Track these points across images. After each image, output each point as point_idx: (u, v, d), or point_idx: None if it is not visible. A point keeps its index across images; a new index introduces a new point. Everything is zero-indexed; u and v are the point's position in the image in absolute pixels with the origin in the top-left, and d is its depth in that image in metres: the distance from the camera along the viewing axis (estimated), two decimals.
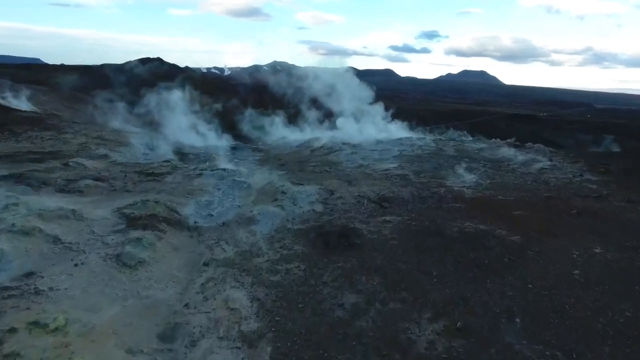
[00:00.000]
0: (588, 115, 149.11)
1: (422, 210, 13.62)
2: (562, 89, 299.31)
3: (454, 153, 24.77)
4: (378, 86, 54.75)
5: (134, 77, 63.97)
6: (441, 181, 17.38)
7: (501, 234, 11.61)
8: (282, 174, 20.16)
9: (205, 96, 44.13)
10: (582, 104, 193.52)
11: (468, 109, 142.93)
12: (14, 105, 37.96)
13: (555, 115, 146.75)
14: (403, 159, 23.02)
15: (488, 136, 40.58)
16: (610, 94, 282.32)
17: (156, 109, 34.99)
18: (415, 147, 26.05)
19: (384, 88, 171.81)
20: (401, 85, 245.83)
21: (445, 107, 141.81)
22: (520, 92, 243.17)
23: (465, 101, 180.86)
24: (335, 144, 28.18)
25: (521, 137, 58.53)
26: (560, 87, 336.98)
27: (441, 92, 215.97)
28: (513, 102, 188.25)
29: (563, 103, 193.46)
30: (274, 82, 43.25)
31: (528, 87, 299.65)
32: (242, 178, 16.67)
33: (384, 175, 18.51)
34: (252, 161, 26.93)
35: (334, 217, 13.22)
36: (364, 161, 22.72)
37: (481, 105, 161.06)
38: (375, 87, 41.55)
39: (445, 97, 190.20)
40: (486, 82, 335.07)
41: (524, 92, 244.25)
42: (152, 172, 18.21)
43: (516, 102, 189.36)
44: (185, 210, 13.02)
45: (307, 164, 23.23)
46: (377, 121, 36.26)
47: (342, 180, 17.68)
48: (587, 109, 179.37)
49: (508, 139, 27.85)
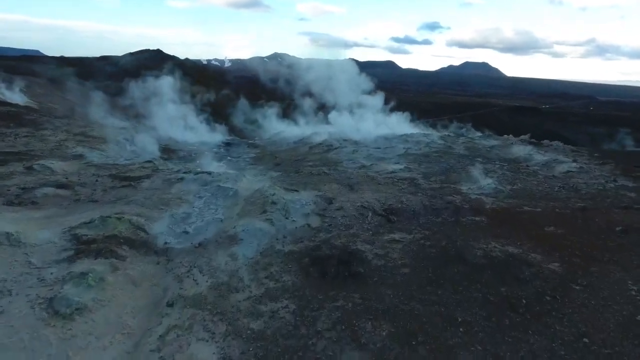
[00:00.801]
0: (591, 108, 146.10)
1: (437, 226, 11.36)
2: (565, 81, 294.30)
3: (465, 152, 22.41)
4: (379, 78, 52.19)
5: (130, 69, 61.60)
6: (455, 187, 15.08)
7: (536, 260, 9.37)
8: (276, 176, 17.93)
9: (197, 87, 41.63)
10: (585, 96, 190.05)
11: (470, 101, 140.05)
12: (6, 98, 35.64)
13: (557, 107, 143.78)
14: (409, 158, 20.69)
15: (491, 129, 38.25)
16: (613, 85, 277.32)
17: (145, 102, 32.63)
18: (422, 145, 23.69)
19: (386, 80, 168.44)
20: (403, 77, 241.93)
21: (447, 99, 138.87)
22: (522, 84, 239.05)
23: (466, 93, 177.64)
24: (335, 141, 25.86)
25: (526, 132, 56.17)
26: (562, 79, 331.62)
27: (443, 84, 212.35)
28: (515, 94, 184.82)
29: (565, 95, 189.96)
30: (272, 74, 40.66)
31: (530, 79, 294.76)
32: (228, 184, 14.40)
33: (390, 178, 16.21)
34: (247, 159, 24.67)
35: (332, 234, 10.98)
36: (366, 161, 20.41)
37: (483, 98, 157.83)
38: (376, 79, 39.07)
39: (447, 89, 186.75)
40: (488, 74, 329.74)
41: (526, 84, 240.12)
42: (129, 175, 15.96)
43: (518, 94, 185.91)
44: (156, 227, 10.78)
45: (304, 164, 20.97)
46: (378, 116, 33.81)
47: (342, 184, 15.41)
48: (589, 101, 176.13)
49: (522, 135, 25.45)
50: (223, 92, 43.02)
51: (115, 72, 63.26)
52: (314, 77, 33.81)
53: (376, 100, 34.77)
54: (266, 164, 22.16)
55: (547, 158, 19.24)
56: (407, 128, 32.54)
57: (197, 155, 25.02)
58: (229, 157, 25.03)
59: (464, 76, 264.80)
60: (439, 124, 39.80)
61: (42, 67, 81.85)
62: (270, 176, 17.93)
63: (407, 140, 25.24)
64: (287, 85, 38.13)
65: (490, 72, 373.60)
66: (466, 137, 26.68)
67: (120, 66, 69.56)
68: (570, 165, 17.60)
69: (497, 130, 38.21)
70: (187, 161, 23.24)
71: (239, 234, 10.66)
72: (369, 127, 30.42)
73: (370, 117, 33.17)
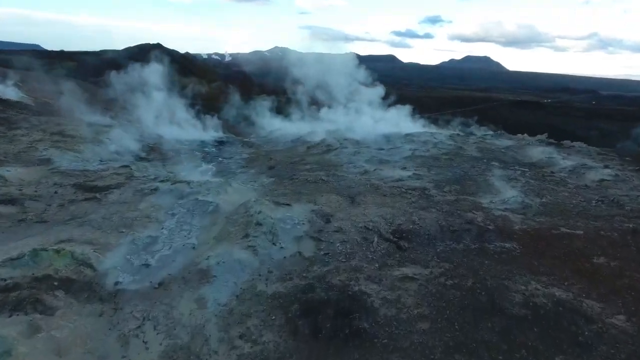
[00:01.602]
0: (593, 102, 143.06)
1: (459, 256, 9.06)
2: (567, 75, 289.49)
3: (478, 153, 19.99)
4: (381, 72, 49.61)
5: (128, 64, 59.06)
6: (474, 199, 12.72)
7: (594, 311, 7.08)
8: (268, 183, 15.59)
9: (188, 80, 39.17)
10: (588, 90, 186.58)
11: (472, 95, 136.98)
12: None
13: (560, 101, 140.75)
14: (417, 161, 18.30)
15: (495, 125, 35.88)
16: (615, 80, 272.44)
17: (132, 97, 30.21)
18: (429, 146, 21.27)
19: (387, 74, 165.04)
20: (404, 71, 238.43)
21: (448, 94, 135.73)
22: (524, 78, 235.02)
23: (468, 88, 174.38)
24: (334, 141, 23.44)
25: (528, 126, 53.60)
26: (564, 73, 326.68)
27: (444, 79, 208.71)
28: (517, 89, 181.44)
29: (568, 89, 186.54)
30: (269, 68, 38.10)
31: (532, 73, 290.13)
32: (209, 196, 12.10)
33: (397, 188, 13.84)
34: (239, 160, 22.27)
35: (329, 267, 8.69)
36: (369, 165, 18.02)
37: (485, 92, 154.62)
38: (377, 74, 36.54)
39: (448, 84, 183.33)
40: (490, 68, 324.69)
41: (528, 78, 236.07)
42: (96, 185, 13.66)
43: (520, 89, 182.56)
44: (108, 260, 8.50)
45: (300, 167, 18.62)
46: (380, 112, 31.12)
47: (342, 195, 13.08)
48: (592, 95, 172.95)
49: (527, 131, 22.95)
50: (214, 85, 40.42)
51: (112, 67, 60.86)
52: (311, 72, 31.28)
53: (377, 96, 32.23)
54: (259, 167, 19.80)
55: (573, 163, 16.84)
56: (410, 125, 29.98)
57: (186, 156, 22.72)
58: (220, 158, 22.68)
59: (465, 70, 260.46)
60: (441, 120, 37.34)
61: (41, 61, 79.43)
62: (261, 183, 15.60)
63: (413, 140, 22.81)
64: (284, 80, 35.52)
65: (492, 66, 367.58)
66: (477, 137, 24.24)
67: (115, 60, 67.19)
68: (602, 172, 15.21)
69: (500, 126, 35.81)
70: (174, 163, 20.92)
71: (213, 268, 8.38)
72: (371, 125, 27.88)
73: (371, 114, 30.65)
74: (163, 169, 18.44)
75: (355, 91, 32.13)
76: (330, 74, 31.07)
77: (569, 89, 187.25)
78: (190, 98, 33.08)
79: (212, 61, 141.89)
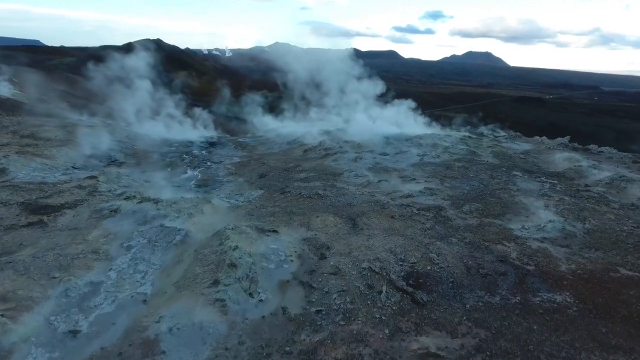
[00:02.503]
0: (595, 98, 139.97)
1: (497, 318, 6.66)
2: (569, 71, 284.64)
3: (494, 159, 17.51)
4: (382, 68, 47.07)
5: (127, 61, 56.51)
6: (501, 224, 10.28)
7: None
8: (255, 198, 13.16)
9: (180, 74, 36.63)
10: (589, 86, 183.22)
11: (473, 91, 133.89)
12: None
13: (562, 98, 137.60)
14: (427, 170, 15.84)
15: (497, 122, 33.29)
16: (617, 76, 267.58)
17: (116, 93, 27.77)
18: (439, 150, 18.80)
19: (388, 70, 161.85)
20: (405, 67, 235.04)
21: (450, 89, 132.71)
22: (525, 74, 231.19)
23: (470, 84, 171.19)
24: (333, 143, 21.00)
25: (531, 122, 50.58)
26: (566, 69, 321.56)
27: (445, 74, 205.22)
28: (519, 85, 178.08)
29: (570, 85, 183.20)
30: (265, 64, 35.45)
31: (534, 69, 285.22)
32: (177, 221, 9.70)
33: (407, 207, 11.40)
34: (228, 166, 19.84)
35: (322, 335, 6.29)
36: (372, 174, 15.60)
37: (486, 88, 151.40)
38: (378, 70, 33.91)
39: (450, 80, 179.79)
40: (491, 64, 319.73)
41: (529, 74, 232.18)
42: (49, 203, 11.26)
43: (522, 85, 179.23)
44: (20, 327, 6.11)
45: (295, 176, 16.21)
46: (382, 111, 28.47)
47: (341, 216, 10.66)
48: (594, 91, 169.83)
49: (559, 137, 20.36)
50: (205, 78, 37.84)
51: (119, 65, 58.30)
52: (307, 68, 28.65)
53: (377, 93, 29.55)
54: (250, 174, 17.38)
55: (608, 174, 14.34)
56: (413, 124, 27.34)
57: (171, 160, 20.35)
58: (209, 162, 20.24)
59: (467, 66, 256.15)
60: (445, 117, 34.64)
61: (41, 57, 76.94)
62: (248, 197, 13.17)
63: (420, 143, 20.32)
64: (281, 76, 32.87)
65: (493, 62, 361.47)
66: (490, 139, 21.72)
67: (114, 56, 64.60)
68: None
69: (506, 124, 33.38)
70: (155, 169, 18.51)
71: (163, 337, 6.01)
72: (372, 124, 25.27)
73: (372, 112, 28.04)
74: (139, 177, 16.03)
75: (354, 88, 29.49)
76: (327, 70, 28.46)
77: (570, 85, 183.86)
78: (179, 91, 30.52)
79: (213, 57, 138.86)
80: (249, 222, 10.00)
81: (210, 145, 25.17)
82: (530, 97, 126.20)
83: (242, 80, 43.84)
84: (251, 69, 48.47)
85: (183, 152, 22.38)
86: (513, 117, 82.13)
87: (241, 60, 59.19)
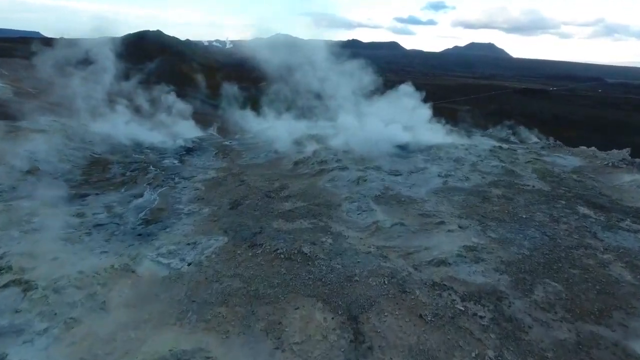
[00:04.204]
0: (599, 90, 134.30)
1: None
2: (572, 63, 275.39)
3: (542, 183, 12.88)
4: (384, 60, 42.15)
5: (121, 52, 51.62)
6: (614, 340, 5.81)
7: None
8: (206, 258, 8.67)
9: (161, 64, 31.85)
10: (593, 78, 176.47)
11: (476, 83, 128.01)
12: None
13: (566, 89, 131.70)
14: (457, 202, 11.26)
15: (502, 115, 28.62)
16: (621, 67, 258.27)
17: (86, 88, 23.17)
18: (466, 168, 14.20)
19: (390, 62, 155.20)
20: (407, 58, 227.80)
21: (452, 81, 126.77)
22: (529, 65, 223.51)
23: (473, 75, 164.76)
24: (330, 154, 16.44)
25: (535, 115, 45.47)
26: (570, 61, 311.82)
27: (448, 66, 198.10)
28: (522, 76, 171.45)
29: (573, 77, 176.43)
30: (258, 58, 30.35)
31: (537, 60, 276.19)
32: (37, 343, 5.30)
33: (443, 293, 6.85)
34: (198, 184, 15.29)
35: None
36: (382, 209, 11.04)
37: (489, 80, 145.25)
38: (380, 61, 28.93)
39: (452, 71, 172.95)
40: (494, 55, 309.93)
41: (533, 65, 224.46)
42: None
43: (525, 76, 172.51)
44: None
45: (276, 206, 11.70)
46: (385, 108, 23.21)
47: (334, 311, 6.25)
48: (598, 83, 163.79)
49: (615, 149, 15.64)
50: (186, 66, 33.12)
51: None
52: (296, 61, 23.71)
53: (379, 88, 24.46)
54: (219, 202, 12.80)
55: None
56: (421, 122, 22.17)
57: (133, 175, 15.91)
58: (177, 179, 15.67)
59: (469, 57, 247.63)
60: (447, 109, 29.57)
61: (38, 48, 71.83)
62: (199, 256, 8.69)
63: (440, 156, 15.69)
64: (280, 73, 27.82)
65: (496, 53, 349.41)
66: (525, 149, 16.99)
67: None
68: None
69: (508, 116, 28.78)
70: (104, 191, 14.13)
71: None
72: (376, 127, 20.15)
73: (374, 111, 22.99)
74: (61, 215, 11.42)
75: (353, 87, 24.46)
76: (321, 63, 23.54)
77: (574, 77, 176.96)
78: (166, 84, 25.81)
79: (213, 48, 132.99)
80: (179, 326, 5.57)
81: (187, 151, 20.55)
82: (534, 89, 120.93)
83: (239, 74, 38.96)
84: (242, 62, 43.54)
85: (152, 161, 17.91)
86: (518, 109, 77.10)
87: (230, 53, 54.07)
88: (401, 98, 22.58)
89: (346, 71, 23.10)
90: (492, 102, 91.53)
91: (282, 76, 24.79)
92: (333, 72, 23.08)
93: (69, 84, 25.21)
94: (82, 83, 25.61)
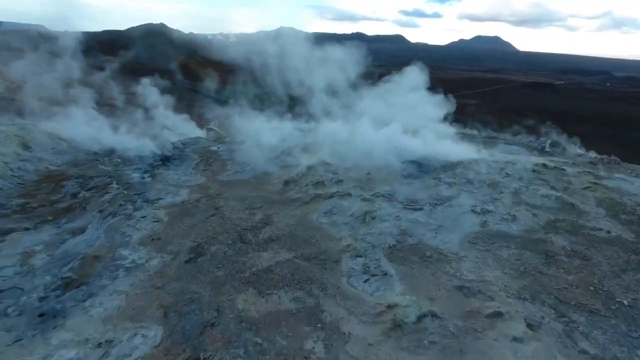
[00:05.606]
0: (607, 84, 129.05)
1: None
2: (580, 56, 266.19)
3: (620, 226, 9.24)
4: (388, 53, 38.19)
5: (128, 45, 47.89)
6: None
7: None
8: None
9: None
10: (601, 71, 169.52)
11: (482, 76, 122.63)
12: None
13: (573, 83, 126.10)
14: (508, 264, 7.68)
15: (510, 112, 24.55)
16: (630, 60, 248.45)
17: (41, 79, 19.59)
18: (507, 198, 10.51)
19: (395, 55, 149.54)
20: (412, 51, 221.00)
21: (458, 75, 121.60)
22: (535, 59, 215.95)
23: (478, 69, 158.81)
24: (329, 173, 12.80)
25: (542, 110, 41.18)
26: (577, 54, 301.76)
27: (453, 59, 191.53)
28: (528, 70, 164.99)
29: (581, 70, 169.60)
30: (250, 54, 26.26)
31: (544, 53, 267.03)
32: None
33: None
34: (160, 214, 11.65)
35: None
36: (400, 275, 7.45)
37: (495, 73, 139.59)
38: (385, 54, 24.99)
39: (458, 65, 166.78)
40: (500, 49, 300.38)
41: (539, 59, 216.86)
42: None
43: (532, 70, 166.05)
44: None
45: (251, 258, 8.28)
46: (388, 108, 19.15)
47: None
48: (606, 77, 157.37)
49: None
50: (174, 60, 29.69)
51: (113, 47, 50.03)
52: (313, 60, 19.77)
53: None
54: (176, 248, 9.23)
55: None
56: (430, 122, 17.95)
57: (84, 198, 12.39)
58: (139, 202, 12.10)
59: (475, 51, 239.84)
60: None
61: (40, 41, 68.37)
62: None
63: (469, 179, 11.92)
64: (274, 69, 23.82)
65: (502, 46, 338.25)
66: (577, 169, 13.06)
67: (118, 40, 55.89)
68: None
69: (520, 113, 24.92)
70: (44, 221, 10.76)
71: None
72: (385, 134, 16.10)
73: (379, 110, 18.96)
74: None
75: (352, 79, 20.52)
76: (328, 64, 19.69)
77: (582, 70, 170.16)
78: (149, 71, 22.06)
79: (216, 41, 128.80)
80: None
81: (163, 161, 16.87)
82: (542, 82, 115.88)
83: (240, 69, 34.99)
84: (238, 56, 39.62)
85: (118, 175, 14.32)
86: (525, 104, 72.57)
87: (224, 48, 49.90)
88: (408, 91, 18.57)
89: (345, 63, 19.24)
90: (500, 96, 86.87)
91: (281, 72, 20.95)
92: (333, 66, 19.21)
93: (38, 77, 21.54)
94: (55, 77, 21.87)
